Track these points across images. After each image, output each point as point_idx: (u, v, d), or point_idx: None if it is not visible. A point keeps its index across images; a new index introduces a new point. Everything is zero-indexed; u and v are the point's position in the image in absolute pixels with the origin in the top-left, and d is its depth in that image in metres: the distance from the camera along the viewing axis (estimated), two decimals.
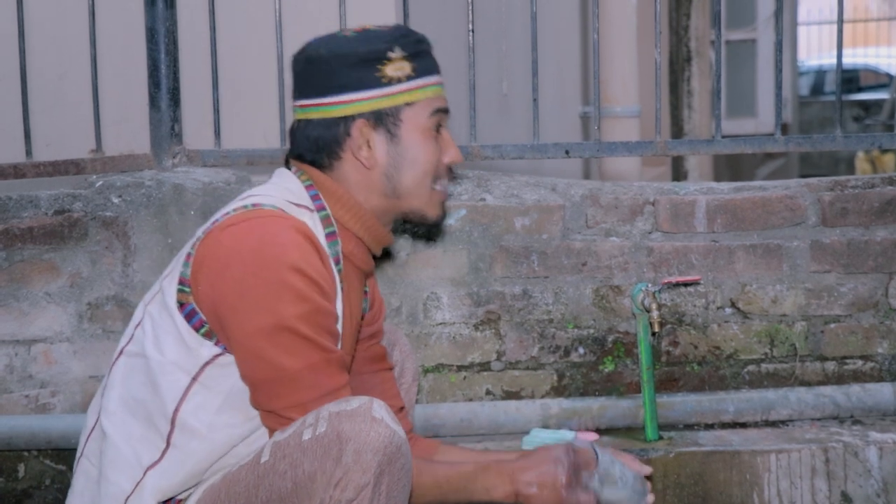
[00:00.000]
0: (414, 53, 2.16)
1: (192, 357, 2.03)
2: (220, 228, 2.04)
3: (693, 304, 3.09)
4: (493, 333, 3.09)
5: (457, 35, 3.66)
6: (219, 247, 2.01)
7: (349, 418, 1.91)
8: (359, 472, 1.89)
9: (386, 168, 2.16)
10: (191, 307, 2.02)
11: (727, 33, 10.88)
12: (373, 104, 2.14)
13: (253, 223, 2.02)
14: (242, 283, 1.97)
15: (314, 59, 2.15)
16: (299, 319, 1.98)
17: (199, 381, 2.03)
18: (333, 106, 2.14)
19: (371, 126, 2.14)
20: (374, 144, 2.15)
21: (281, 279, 1.97)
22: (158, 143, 3.19)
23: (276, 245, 1.98)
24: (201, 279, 2.01)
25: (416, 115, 2.17)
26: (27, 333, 3.01)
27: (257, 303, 1.97)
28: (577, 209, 3.07)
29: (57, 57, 3.95)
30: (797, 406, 3.04)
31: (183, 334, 2.03)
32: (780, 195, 3.07)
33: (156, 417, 2.04)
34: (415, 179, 2.19)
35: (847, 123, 15.90)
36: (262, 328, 1.97)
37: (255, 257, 1.97)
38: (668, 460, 2.86)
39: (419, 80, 2.17)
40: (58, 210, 3.01)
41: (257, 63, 3.82)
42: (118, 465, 2.05)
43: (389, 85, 2.13)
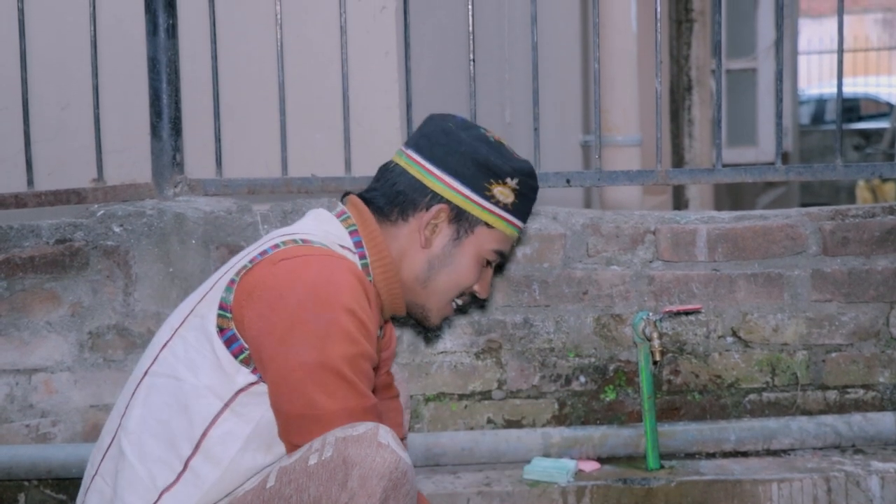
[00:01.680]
0: (523, 193, 2.25)
1: (228, 383, 2.04)
2: (271, 261, 2.05)
3: (694, 333, 3.08)
4: (494, 362, 3.08)
5: (458, 64, 3.67)
6: (272, 279, 2.02)
7: (355, 443, 1.92)
8: (364, 498, 1.90)
9: (433, 258, 2.24)
10: (231, 332, 2.03)
11: (728, 62, 10.91)
12: (463, 202, 2.22)
13: (310, 259, 2.04)
14: (294, 316, 1.98)
15: (450, 134, 2.24)
16: (344, 361, 2.00)
17: (231, 407, 2.04)
18: (435, 178, 2.21)
19: (448, 217, 2.22)
20: (440, 232, 2.23)
21: (333, 319, 1.99)
22: (160, 172, 3.19)
23: (332, 284, 2.01)
24: (249, 307, 2.02)
25: (486, 238, 2.25)
26: (28, 363, 3.01)
27: (306, 338, 1.98)
28: (578, 238, 3.07)
29: (59, 86, 3.97)
30: (799, 435, 3.03)
31: (221, 359, 2.04)
32: (781, 224, 3.08)
33: (179, 439, 2.04)
34: (446, 285, 2.26)
35: (847, 152, 15.93)
36: (306, 363, 1.98)
37: (310, 293, 1.99)
38: (669, 489, 2.85)
39: (511, 215, 2.26)
40: (59, 239, 3.01)
41: (259, 93, 3.83)
42: (134, 486, 2.05)
43: (487, 200, 2.22)
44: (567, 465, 2.89)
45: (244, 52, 3.86)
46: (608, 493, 2.85)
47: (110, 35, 3.69)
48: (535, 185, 2.27)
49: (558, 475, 2.87)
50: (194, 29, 3.48)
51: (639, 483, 2.86)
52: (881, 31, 23.85)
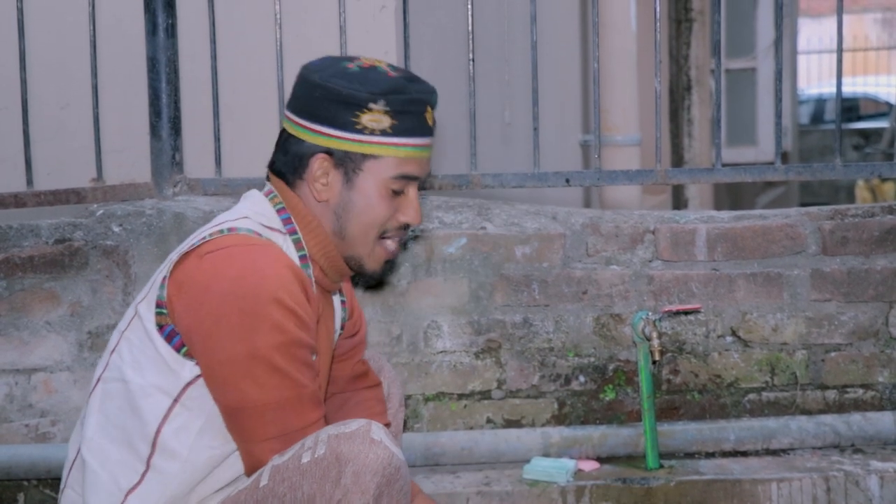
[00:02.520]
0: (400, 111, 2.14)
1: (174, 378, 2.03)
2: (198, 255, 2.03)
3: (694, 333, 3.08)
4: (493, 362, 3.08)
5: (458, 64, 3.67)
6: (198, 272, 2.01)
7: (348, 440, 1.92)
8: (358, 494, 1.90)
9: (336, 207, 2.17)
10: (170, 328, 2.02)
11: (727, 62, 10.90)
12: (339, 144, 2.13)
13: (233, 251, 2.02)
14: (220, 310, 1.97)
15: (306, 81, 2.16)
16: (275, 350, 1.97)
17: (181, 402, 2.03)
18: (307, 131, 2.15)
19: (331, 163, 2.15)
20: (331, 181, 2.16)
21: (259, 309, 1.96)
22: (159, 171, 3.19)
23: (256, 274, 1.98)
24: (178, 302, 2.01)
25: (380, 169, 2.15)
26: (27, 362, 3.01)
27: (233, 331, 1.96)
28: (577, 238, 3.07)
29: (58, 86, 3.97)
30: (798, 435, 3.03)
31: (164, 356, 2.03)
32: (781, 224, 3.08)
33: (135, 441, 2.04)
34: (360, 228, 2.18)
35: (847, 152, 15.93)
36: (235, 356, 1.97)
37: (234, 286, 1.97)
38: (669, 489, 2.85)
39: (395, 138, 2.15)
40: (58, 239, 3.01)
41: (258, 92, 3.83)
42: (97, 490, 2.05)
43: (360, 133, 2.12)
44: (566, 465, 2.89)
45: (243, 51, 3.86)
46: (608, 493, 2.85)
47: (110, 35, 3.69)
48: (412, 94, 2.14)
49: (558, 475, 2.87)
50: (194, 28, 3.48)
51: (638, 482, 2.86)
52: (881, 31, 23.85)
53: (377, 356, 2.63)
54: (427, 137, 2.19)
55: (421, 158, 2.19)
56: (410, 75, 2.19)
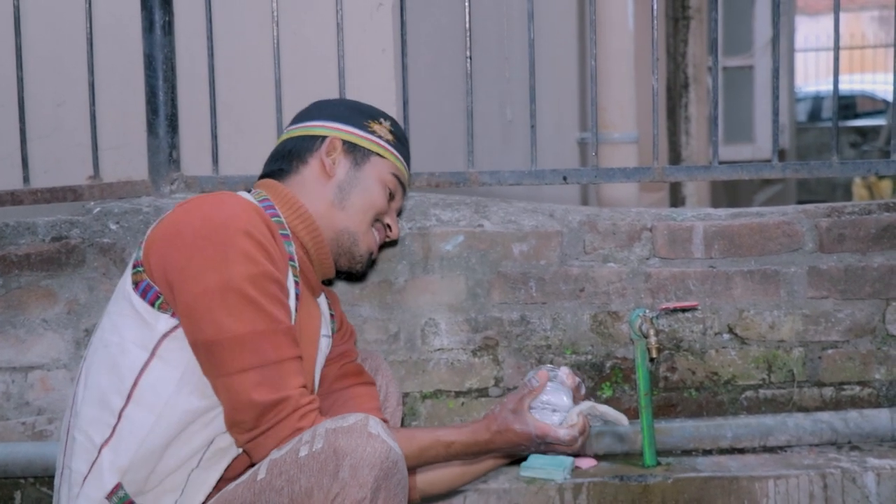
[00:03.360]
0: (399, 138, 2.46)
1: (150, 331, 2.07)
2: (170, 211, 2.14)
3: (691, 330, 3.09)
4: (491, 359, 3.09)
5: (456, 62, 3.67)
6: (169, 221, 2.11)
7: (346, 434, 1.94)
8: (356, 488, 1.92)
9: (341, 182, 2.36)
10: (145, 283, 2.08)
11: (724, 60, 10.90)
12: (351, 138, 2.39)
13: (203, 198, 2.14)
14: (192, 246, 2.04)
15: (323, 103, 2.47)
16: (247, 281, 2.02)
17: (158, 354, 2.06)
18: (318, 127, 2.39)
19: (343, 148, 2.38)
20: (339, 163, 2.37)
21: (230, 240, 2.03)
22: (156, 169, 3.19)
23: (225, 211, 2.08)
24: (153, 252, 2.08)
25: (383, 167, 2.41)
26: (24, 360, 3.00)
27: (205, 263, 2.02)
28: (574, 235, 3.07)
29: (55, 84, 3.96)
30: (795, 432, 3.03)
31: (140, 311, 2.07)
32: (778, 221, 3.08)
33: (110, 396, 2.07)
34: (361, 203, 2.37)
35: (844, 149, 15.94)
36: (209, 288, 2.02)
37: (204, 222, 2.06)
38: (666, 486, 2.85)
39: (394, 149, 2.44)
40: (55, 237, 3.01)
41: (255, 89, 3.82)
42: (77, 453, 2.09)
43: (371, 134, 2.41)
44: (564, 462, 2.89)
45: (241, 49, 3.85)
46: (605, 491, 2.85)
47: (106, 32, 3.68)
48: (405, 136, 2.49)
49: (555, 472, 2.87)
50: (191, 26, 3.48)
51: (635, 480, 2.86)
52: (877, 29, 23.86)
53: (374, 355, 2.64)
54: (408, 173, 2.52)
55: (405, 181, 2.48)
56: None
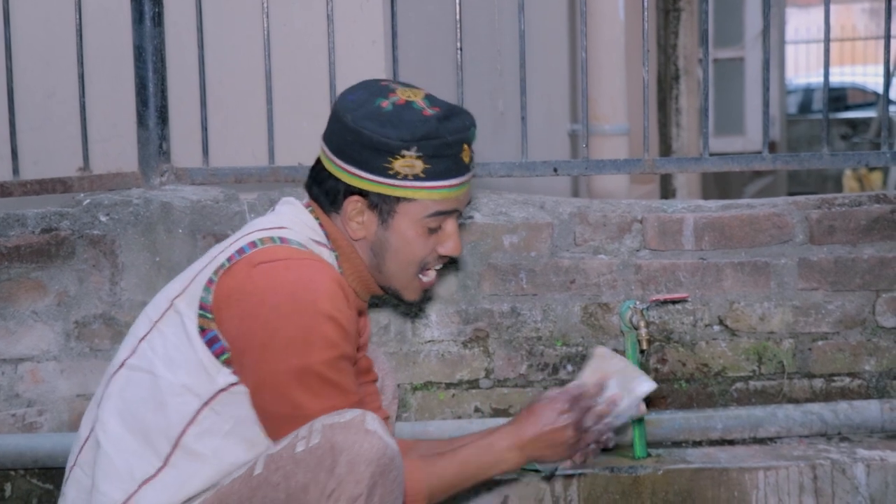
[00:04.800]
0: (433, 155, 2.12)
1: (209, 382, 2.04)
2: (250, 263, 2.04)
3: (681, 322, 3.09)
4: (481, 351, 3.09)
5: (447, 54, 3.67)
6: (251, 284, 2.02)
7: (343, 430, 1.93)
8: (352, 484, 1.91)
9: (373, 245, 2.19)
10: (213, 333, 2.03)
11: (715, 51, 10.91)
12: (372, 186, 2.13)
13: (288, 264, 2.03)
14: (276, 322, 1.99)
15: (339, 120, 2.15)
16: (326, 365, 2.01)
17: (211, 405, 2.04)
18: (340, 170, 2.15)
19: (365, 205, 2.15)
20: (366, 221, 2.17)
21: (314, 326, 1.99)
22: (146, 161, 3.19)
23: (311, 290, 2.00)
24: (228, 311, 2.02)
25: (415, 211, 2.15)
26: (14, 352, 3.00)
27: (288, 344, 1.99)
28: (565, 227, 3.07)
29: (44, 75, 3.95)
30: (785, 423, 3.04)
31: (202, 359, 2.04)
32: (768, 213, 3.08)
33: (155, 436, 2.05)
34: (398, 266, 2.20)
35: (834, 141, 15.94)
36: (289, 369, 2.00)
37: (289, 300, 2.00)
38: (656, 478, 2.86)
39: (427, 182, 2.14)
40: (45, 228, 3.00)
41: (245, 81, 3.82)
42: (111, 476, 2.05)
43: (394, 178, 2.12)
44: None
45: (231, 40, 3.85)
46: (595, 482, 2.85)
47: (96, 23, 3.67)
48: (445, 138, 2.12)
49: (545, 464, 2.86)
50: (181, 17, 3.47)
51: (626, 471, 2.86)
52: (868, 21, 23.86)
53: (372, 347, 2.63)
54: (464, 175, 2.19)
55: (457, 195, 2.18)
56: (447, 112, 2.17)
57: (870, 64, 19.78)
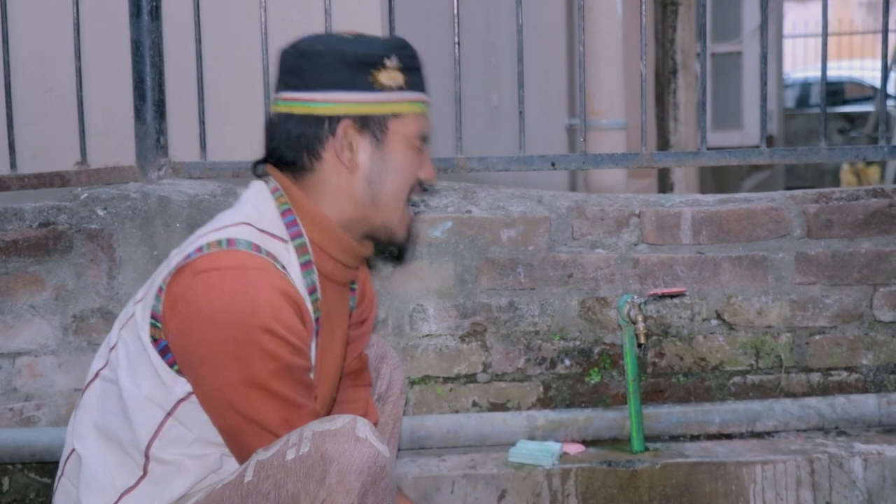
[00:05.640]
0: (408, 67, 2.12)
1: (167, 393, 2.01)
2: (192, 271, 1.97)
3: (679, 316, 3.09)
4: (479, 345, 3.09)
5: (444, 47, 3.67)
6: (191, 294, 1.96)
7: (333, 438, 1.90)
8: (342, 494, 1.88)
9: (368, 173, 2.11)
10: (164, 343, 1.99)
11: (713, 46, 10.91)
12: (362, 108, 2.08)
13: (226, 274, 1.95)
14: (213, 338, 1.94)
15: (308, 53, 2.09)
16: (270, 376, 1.95)
17: (174, 416, 2.02)
18: (320, 103, 2.08)
19: (356, 129, 2.08)
20: (358, 148, 2.09)
21: (250, 339, 1.93)
22: (144, 155, 3.18)
23: (247, 302, 1.93)
24: (172, 322, 1.98)
25: (404, 127, 2.12)
26: (11, 346, 3.00)
27: (226, 360, 1.94)
28: (563, 221, 3.08)
29: (42, 69, 3.95)
30: (782, 417, 3.04)
31: (158, 370, 2.00)
32: (766, 207, 3.08)
33: (129, 448, 2.04)
34: (395, 190, 2.14)
35: (832, 136, 15.96)
36: (231, 383, 1.95)
37: (225, 314, 1.92)
38: (654, 472, 2.86)
39: (410, 93, 2.12)
40: (42, 222, 3.00)
41: (243, 75, 3.81)
42: (92, 488, 2.05)
43: (381, 91, 2.08)
44: (552, 448, 2.90)
45: (228, 34, 3.84)
46: (593, 476, 2.86)
47: (93, 17, 3.67)
48: (413, 51, 2.13)
49: (543, 458, 2.87)
50: (178, 11, 3.47)
51: (623, 465, 2.86)
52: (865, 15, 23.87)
53: (380, 342, 2.59)
54: (427, 94, 2.18)
55: (427, 115, 2.17)
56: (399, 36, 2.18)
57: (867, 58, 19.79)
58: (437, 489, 2.84)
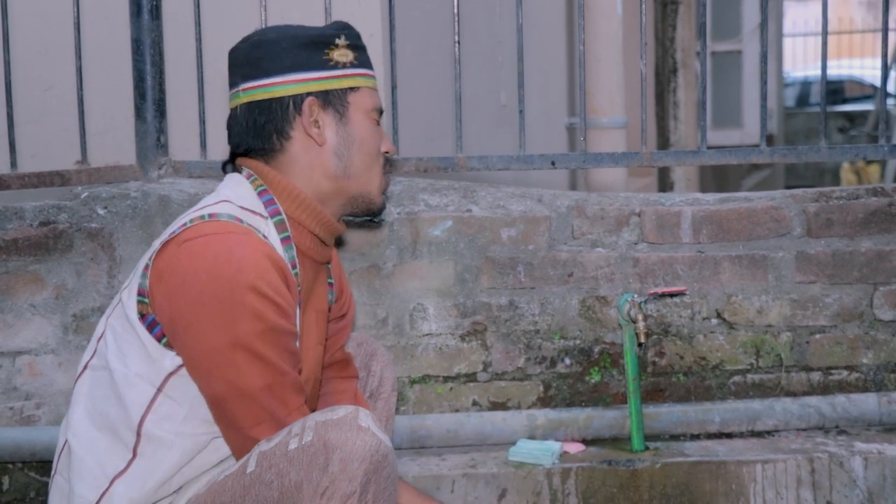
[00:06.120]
0: (355, 45, 2.23)
1: (156, 368, 2.02)
2: (177, 242, 2.02)
3: (679, 315, 3.09)
4: (479, 344, 3.09)
5: (445, 47, 3.67)
6: (176, 262, 1.99)
7: (335, 427, 1.92)
8: (345, 482, 1.90)
9: (336, 147, 2.20)
10: (151, 318, 2.02)
11: (713, 44, 10.90)
12: (321, 84, 2.18)
13: (210, 239, 2.00)
14: (198, 301, 1.96)
15: (262, 42, 2.19)
16: (256, 337, 1.97)
17: (164, 391, 2.03)
18: (282, 86, 2.18)
19: (320, 105, 2.18)
20: (324, 124, 2.19)
21: (236, 298, 1.95)
22: (144, 154, 3.18)
23: (232, 263, 1.96)
24: (158, 292, 2.00)
25: (361, 100, 2.22)
26: (12, 345, 3.00)
27: (212, 321, 1.95)
28: (563, 220, 3.08)
29: (42, 68, 3.95)
30: (783, 416, 3.04)
31: (146, 345, 2.02)
32: (766, 206, 3.08)
33: (120, 429, 2.04)
34: (364, 159, 2.23)
35: (832, 134, 15.96)
36: (217, 346, 1.96)
37: (210, 276, 1.96)
38: (654, 471, 2.86)
39: (361, 69, 2.24)
40: (43, 221, 3.00)
41: None
42: (83, 477, 2.05)
43: (336, 68, 2.19)
44: (552, 447, 2.90)
45: (229, 33, 3.83)
46: (593, 475, 2.86)
47: (94, 16, 3.67)
48: (357, 32, 2.26)
49: (543, 457, 2.87)
50: (178, 10, 3.46)
51: (623, 465, 2.87)
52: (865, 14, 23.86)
53: (370, 340, 2.62)
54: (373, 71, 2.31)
55: (376, 89, 2.29)
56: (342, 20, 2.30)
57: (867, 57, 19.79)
58: (438, 488, 2.84)
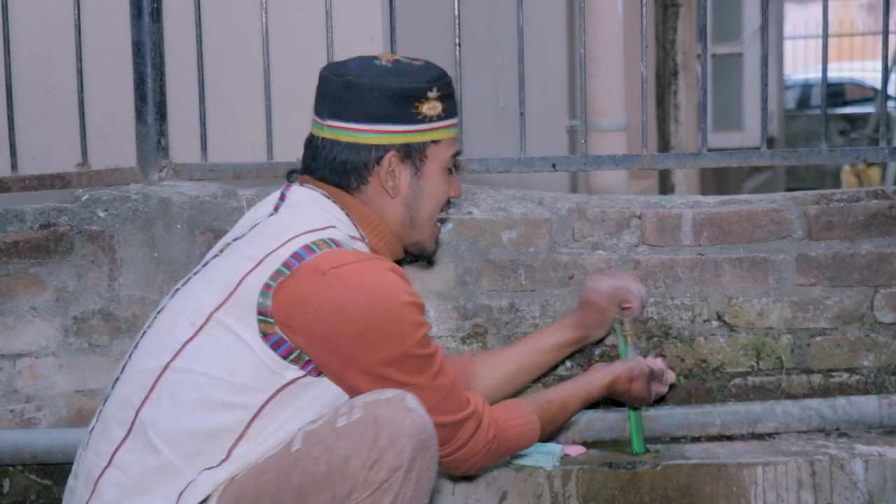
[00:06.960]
0: (446, 94, 2.29)
1: (274, 379, 2.08)
2: (317, 270, 2.08)
3: (679, 318, 3.09)
4: (480, 347, 3.08)
5: (446, 49, 3.67)
6: (327, 290, 2.07)
7: (385, 405, 2.02)
8: (393, 455, 1.98)
9: (406, 199, 2.29)
10: (277, 336, 2.07)
11: (713, 47, 10.90)
12: (405, 138, 2.25)
13: (357, 267, 2.09)
14: (364, 325, 2.06)
15: (355, 86, 2.23)
16: (419, 345, 2.12)
17: (277, 398, 2.09)
18: (367, 133, 2.24)
19: (399, 158, 2.25)
20: (400, 175, 2.26)
21: (401, 318, 2.09)
22: (145, 156, 3.19)
23: (388, 287, 2.09)
24: (302, 319, 2.06)
25: (440, 152, 2.30)
26: (12, 348, 3.00)
27: (382, 339, 2.08)
28: (563, 222, 3.07)
29: (43, 70, 3.95)
30: (783, 419, 3.04)
31: (265, 361, 2.07)
32: (766, 209, 3.08)
33: (222, 433, 2.07)
34: (429, 213, 2.33)
35: (833, 137, 15.95)
36: (387, 359, 2.09)
37: (373, 302, 2.08)
38: (654, 473, 2.86)
39: (447, 120, 2.30)
40: (43, 224, 3.00)
41: (244, 77, 3.82)
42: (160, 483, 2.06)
43: (422, 122, 2.25)
44: (553, 450, 2.90)
45: (229, 36, 3.84)
46: (594, 478, 2.86)
47: (94, 18, 3.67)
48: (449, 79, 2.30)
49: (544, 459, 2.87)
50: (179, 13, 3.47)
51: (624, 467, 2.86)
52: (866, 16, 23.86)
53: None
54: (458, 116, 2.40)
55: (458, 134, 2.38)
56: (427, 62, 2.32)
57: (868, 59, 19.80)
58: (438, 491, 2.83)
